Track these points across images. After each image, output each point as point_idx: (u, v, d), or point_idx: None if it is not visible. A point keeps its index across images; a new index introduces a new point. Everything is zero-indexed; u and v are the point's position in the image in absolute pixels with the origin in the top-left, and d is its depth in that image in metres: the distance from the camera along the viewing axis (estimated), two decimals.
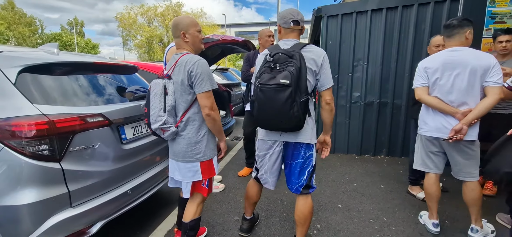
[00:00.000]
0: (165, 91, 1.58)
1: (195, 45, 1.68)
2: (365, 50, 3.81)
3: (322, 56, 1.60)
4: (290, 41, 1.66)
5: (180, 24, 1.63)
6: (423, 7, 3.59)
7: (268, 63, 1.56)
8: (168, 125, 1.57)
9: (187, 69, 1.53)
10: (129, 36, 30.03)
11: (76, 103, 1.57)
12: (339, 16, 3.82)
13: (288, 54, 1.51)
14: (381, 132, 3.94)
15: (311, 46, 1.62)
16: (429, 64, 1.95)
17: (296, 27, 1.66)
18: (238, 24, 44.14)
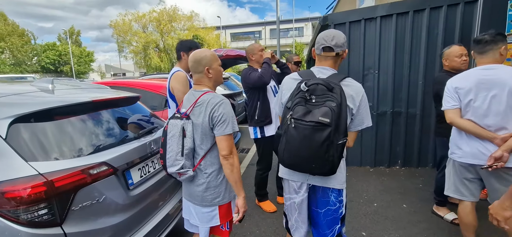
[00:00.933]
0: (183, 133, 1.43)
1: (217, 80, 1.58)
2: (375, 58, 3.64)
3: (362, 93, 1.41)
4: (326, 70, 1.45)
5: (203, 59, 1.50)
6: (435, 11, 3.42)
7: (302, 93, 1.34)
8: (186, 169, 1.45)
9: (209, 111, 1.40)
10: (124, 43, 29.73)
11: (76, 154, 1.39)
12: (347, 24, 3.65)
13: (328, 86, 1.30)
14: (396, 142, 3.78)
15: (349, 79, 1.42)
16: (460, 84, 1.78)
17: (328, 54, 1.44)
18: (233, 25, 43.90)
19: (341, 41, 1.43)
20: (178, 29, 31.01)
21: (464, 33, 3.33)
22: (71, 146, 1.40)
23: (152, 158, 1.86)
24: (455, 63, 2.39)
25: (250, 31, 42.28)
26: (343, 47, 1.44)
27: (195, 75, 1.54)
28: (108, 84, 3.56)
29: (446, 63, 2.46)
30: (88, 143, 1.48)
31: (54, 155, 1.31)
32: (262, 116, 2.60)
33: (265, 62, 2.60)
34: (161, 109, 3.48)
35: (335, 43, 1.41)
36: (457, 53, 2.39)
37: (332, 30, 1.47)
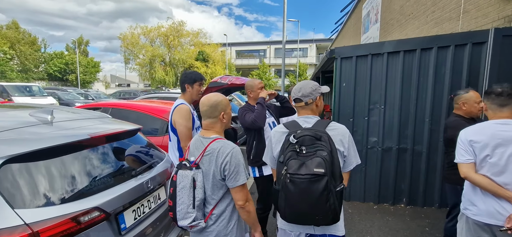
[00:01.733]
0: (194, 185, 1.38)
1: (227, 124, 1.57)
2: (381, 93, 3.60)
3: (348, 134, 1.46)
4: (309, 118, 1.50)
5: (220, 105, 1.49)
6: (443, 50, 3.40)
7: (292, 146, 1.33)
8: (198, 222, 1.39)
9: (220, 162, 1.36)
10: (131, 55, 30.21)
11: (68, 197, 1.31)
12: (354, 58, 3.63)
13: (315, 135, 1.33)
14: (401, 179, 3.66)
15: (333, 124, 1.48)
16: (476, 137, 1.70)
17: (298, 104, 1.53)
18: (239, 43, 44.62)
19: (307, 91, 1.50)
20: (185, 44, 31.54)
21: (472, 74, 3.29)
22: (64, 188, 1.32)
23: (148, 197, 1.78)
24: (474, 109, 2.33)
25: (255, 49, 42.93)
26: (311, 95, 1.50)
27: (207, 120, 1.49)
28: (110, 106, 3.53)
29: (464, 108, 2.37)
30: (82, 185, 1.40)
31: (44, 201, 1.23)
32: (257, 156, 2.47)
33: (258, 102, 2.47)
34: (162, 134, 3.42)
35: (302, 94, 1.50)
36: (478, 99, 2.34)
37: (300, 82, 1.56)
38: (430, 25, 5.64)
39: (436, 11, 5.34)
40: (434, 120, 3.46)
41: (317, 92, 1.52)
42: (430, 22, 5.64)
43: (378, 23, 9.59)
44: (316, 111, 1.54)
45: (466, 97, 2.37)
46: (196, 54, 30.79)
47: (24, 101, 11.15)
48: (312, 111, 1.52)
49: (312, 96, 1.49)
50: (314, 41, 39.66)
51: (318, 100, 1.53)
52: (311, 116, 1.50)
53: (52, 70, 29.39)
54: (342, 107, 3.75)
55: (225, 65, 32.07)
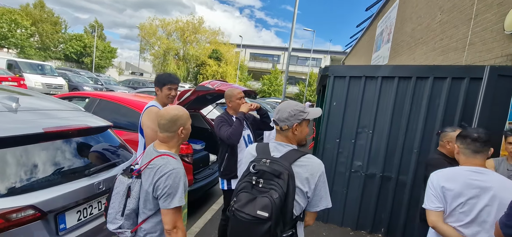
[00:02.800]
0: (127, 193, 1.36)
1: (185, 139, 1.53)
2: (371, 118, 3.50)
3: (319, 174, 1.28)
4: (282, 146, 1.34)
5: (180, 120, 1.44)
6: (439, 82, 3.28)
7: (250, 177, 1.25)
8: (123, 230, 1.37)
9: (155, 179, 1.31)
10: (147, 45, 30.75)
11: (4, 193, 1.31)
12: (347, 78, 3.55)
13: (274, 172, 1.21)
14: (382, 208, 3.55)
15: (307, 158, 1.30)
16: (449, 185, 1.57)
17: (276, 127, 1.38)
18: (254, 45, 44.73)
19: (284, 115, 1.32)
20: (201, 41, 31.90)
21: (467, 110, 3.15)
22: (3, 183, 1.32)
23: (100, 198, 1.77)
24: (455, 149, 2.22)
25: (269, 54, 42.94)
26: (287, 121, 1.31)
27: (164, 133, 1.44)
28: (98, 97, 3.56)
29: (448, 147, 2.25)
30: (22, 181, 1.40)
31: None
32: (227, 170, 2.46)
33: (237, 118, 2.39)
34: None
35: (278, 117, 1.34)
36: None
37: (283, 103, 1.39)
38: (437, 52, 5.48)
39: (444, 39, 5.19)
40: (423, 152, 3.34)
41: (297, 118, 1.32)
42: (437, 49, 5.48)
43: (389, 43, 9.42)
44: (293, 139, 1.36)
45: (451, 136, 2.24)
46: (210, 51, 31.06)
47: (34, 79, 11.48)
48: (287, 138, 1.35)
49: (288, 122, 1.32)
50: (329, 52, 39.35)
51: (296, 127, 1.33)
52: (284, 144, 1.34)
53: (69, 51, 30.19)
54: (330, 126, 3.67)
55: (237, 66, 32.17)
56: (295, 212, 1.24)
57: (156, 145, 1.46)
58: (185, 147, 3.36)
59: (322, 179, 1.31)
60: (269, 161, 1.24)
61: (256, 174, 1.23)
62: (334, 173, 3.68)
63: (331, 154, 3.68)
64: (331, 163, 3.68)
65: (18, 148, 1.44)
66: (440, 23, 5.47)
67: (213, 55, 30.50)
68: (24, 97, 2.00)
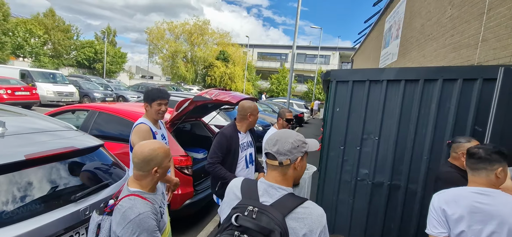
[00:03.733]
0: (97, 232, 1.30)
1: (162, 178, 1.42)
2: (377, 123, 3.34)
3: (319, 230, 1.00)
4: (274, 188, 1.07)
5: (154, 160, 1.34)
6: (449, 84, 3.09)
7: (231, 231, 0.98)
8: None
9: (120, 227, 1.22)
10: (155, 49, 31.15)
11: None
12: (350, 82, 3.40)
13: (264, 231, 0.94)
14: (390, 218, 3.38)
15: (306, 207, 1.03)
16: (451, 209, 1.43)
17: (271, 162, 1.10)
18: (262, 45, 44.60)
19: (286, 147, 1.06)
20: (208, 43, 32.03)
21: (481, 113, 2.95)
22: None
23: (87, 224, 1.72)
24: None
25: (277, 53, 42.69)
26: (289, 155, 1.06)
27: (137, 171, 1.36)
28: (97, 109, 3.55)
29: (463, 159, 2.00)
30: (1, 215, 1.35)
31: None
32: (222, 190, 2.35)
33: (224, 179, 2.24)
34: None
35: (277, 150, 1.07)
36: None
37: (280, 131, 1.13)
38: (448, 49, 5.23)
39: (455, 35, 4.94)
40: (433, 158, 3.15)
41: (300, 151, 1.08)
42: (448, 46, 5.23)
43: (398, 39, 9.12)
44: (291, 178, 1.10)
45: (466, 147, 2.06)
46: (217, 53, 31.16)
47: (46, 87, 11.77)
48: (285, 177, 1.09)
49: (291, 156, 1.06)
50: (337, 49, 38.78)
51: (299, 162, 1.09)
52: (277, 187, 1.06)
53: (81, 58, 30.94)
54: (334, 133, 3.53)
55: (245, 66, 32.14)
56: None
57: (129, 182, 1.39)
58: (184, 159, 3.31)
59: (324, 234, 1.03)
60: (257, 210, 0.98)
61: (239, 228, 0.96)
62: (339, 182, 3.54)
63: (335, 162, 3.54)
64: (336, 171, 3.54)
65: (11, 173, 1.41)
66: (450, 18, 5.21)
67: (220, 57, 30.57)
68: (14, 118, 1.98)
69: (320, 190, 3.61)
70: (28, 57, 26.05)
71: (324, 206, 3.67)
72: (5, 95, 9.47)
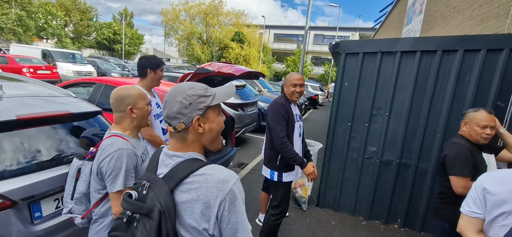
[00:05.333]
0: (76, 176, 1.35)
1: (142, 122, 1.43)
2: (388, 98, 3.15)
3: (219, 200, 0.79)
4: (169, 157, 0.88)
5: (127, 98, 1.37)
6: (470, 55, 2.83)
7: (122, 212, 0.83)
8: (75, 215, 1.35)
9: (99, 161, 1.26)
10: (171, 31, 31.25)
11: None
12: (360, 54, 3.20)
13: (143, 209, 0.78)
14: (398, 198, 3.24)
15: (202, 173, 0.82)
16: (493, 188, 1.20)
17: (169, 128, 0.89)
18: (278, 26, 43.55)
19: (174, 108, 0.84)
20: (224, 24, 31.67)
21: (504, 88, 2.70)
22: None
23: None
24: (474, 133, 1.82)
25: (293, 34, 41.58)
26: (182, 116, 0.84)
27: (115, 114, 1.39)
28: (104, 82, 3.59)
29: (464, 129, 1.90)
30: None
31: None
32: (284, 163, 2.28)
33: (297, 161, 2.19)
34: None
35: (167, 115, 0.86)
36: (481, 123, 1.79)
37: (170, 90, 0.89)
38: (474, 21, 4.79)
39: (484, 4, 4.49)
40: (448, 136, 2.93)
41: (196, 108, 0.85)
42: (475, 18, 4.79)
43: (422, 14, 8.51)
44: (195, 143, 0.88)
45: (469, 117, 1.87)
46: (233, 34, 30.81)
47: (66, 67, 12.18)
48: (185, 143, 0.87)
49: (184, 118, 0.84)
50: (357, 29, 37.14)
51: (200, 122, 0.86)
52: (173, 154, 0.87)
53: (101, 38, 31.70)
54: (341, 108, 3.37)
55: (261, 48, 31.65)
56: None
57: (111, 127, 1.42)
58: None
59: (228, 207, 0.80)
60: (148, 184, 0.83)
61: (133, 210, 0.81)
62: (346, 160, 3.42)
63: (342, 139, 3.40)
64: (343, 148, 3.41)
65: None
66: None
67: (235, 38, 30.20)
68: (13, 84, 2.01)
69: (326, 168, 3.51)
70: (50, 38, 27.03)
71: (329, 184, 3.63)
72: (27, 73, 9.91)
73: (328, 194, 3.57)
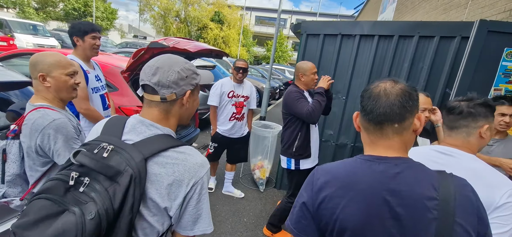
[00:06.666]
0: (3, 158, 1.21)
1: (60, 93, 1.30)
2: (346, 82, 3.14)
3: (193, 181, 0.80)
4: (146, 126, 0.83)
5: (39, 64, 1.25)
6: (425, 41, 2.85)
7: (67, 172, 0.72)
8: (11, 198, 1.24)
9: (35, 137, 1.16)
10: (146, 6, 29.65)
11: None
12: (321, 36, 3.14)
13: (108, 171, 0.70)
14: None
15: (182, 152, 0.82)
16: None
17: (150, 97, 0.84)
18: (260, 8, 42.72)
19: (171, 77, 0.81)
20: (203, 2, 30.45)
21: (453, 76, 2.75)
22: None
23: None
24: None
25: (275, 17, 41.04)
26: (176, 87, 0.83)
27: (33, 82, 1.29)
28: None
29: None
30: None
31: None
32: (301, 149, 2.33)
33: (319, 93, 2.19)
34: None
35: (158, 81, 0.81)
36: (422, 106, 1.86)
37: (160, 57, 0.85)
38: (438, 11, 4.90)
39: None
40: None
41: (189, 83, 0.85)
42: (439, 8, 4.89)
43: (395, 3, 8.62)
44: (175, 117, 0.88)
45: None
46: (212, 14, 29.79)
47: (25, 39, 11.21)
48: (167, 116, 0.86)
49: (178, 89, 0.83)
50: (338, 16, 37.36)
51: (188, 97, 0.86)
52: (151, 124, 0.83)
53: (69, 9, 29.38)
54: None
55: (241, 30, 30.97)
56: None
57: (31, 99, 1.29)
58: (140, 110, 3.12)
59: (199, 190, 0.82)
60: (111, 148, 0.75)
61: (79, 168, 0.72)
62: None
63: None
64: None
65: None
66: None
67: (215, 18, 29.26)
68: None
69: None
70: (11, 7, 24.71)
71: None
72: None
73: (286, 176, 3.57)
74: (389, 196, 0.73)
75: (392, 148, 0.81)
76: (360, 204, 0.75)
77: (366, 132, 0.87)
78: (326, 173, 0.85)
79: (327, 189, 0.81)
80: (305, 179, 0.92)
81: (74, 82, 1.34)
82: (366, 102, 0.84)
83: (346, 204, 0.77)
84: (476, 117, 1.07)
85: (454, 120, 1.12)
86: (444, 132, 1.18)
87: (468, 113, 1.08)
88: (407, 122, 0.79)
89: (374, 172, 0.78)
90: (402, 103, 0.77)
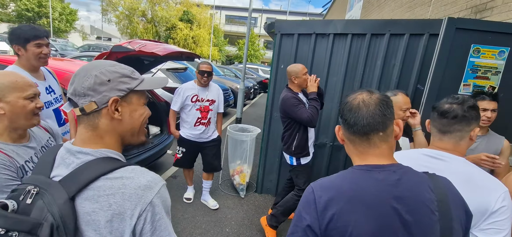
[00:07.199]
0: None
1: (18, 121, 1.08)
2: (322, 81, 3.11)
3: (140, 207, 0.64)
4: (73, 155, 0.68)
5: None
6: (396, 39, 2.91)
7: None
8: None
9: None
10: (109, 6, 28.04)
11: None
12: (295, 36, 3.09)
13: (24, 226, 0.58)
14: None
15: (120, 173, 0.67)
16: None
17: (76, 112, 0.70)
18: (230, 7, 42.40)
19: (86, 83, 0.67)
20: (171, 1, 29.45)
21: (424, 72, 2.84)
22: None
23: None
24: (396, 116, 1.86)
25: (246, 16, 40.96)
26: (95, 94, 0.68)
27: None
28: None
29: None
30: None
31: None
32: (299, 148, 2.48)
33: (313, 99, 2.38)
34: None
35: (74, 90, 0.68)
36: (404, 106, 1.85)
37: (89, 63, 0.72)
38: (404, 8, 5.10)
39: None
40: None
41: (115, 88, 0.70)
42: (404, 6, 5.10)
43: (361, 1, 8.91)
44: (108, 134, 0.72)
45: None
46: (181, 13, 28.93)
47: None
48: (95, 133, 0.71)
49: (97, 96, 0.68)
50: (308, 14, 38.19)
51: (114, 106, 0.70)
52: (79, 151, 0.68)
53: (21, 10, 26.86)
54: (278, 93, 3.26)
55: (211, 29, 30.45)
56: None
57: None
58: None
59: (150, 219, 0.65)
60: (37, 191, 0.63)
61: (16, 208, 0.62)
62: None
63: (278, 123, 3.31)
64: (279, 132, 3.33)
65: None
66: None
67: (184, 18, 28.44)
68: None
69: (264, 153, 3.41)
70: None
71: (267, 170, 3.55)
72: None
73: (266, 179, 3.50)
74: (397, 204, 0.72)
75: (383, 155, 0.81)
76: (371, 216, 0.72)
77: (352, 144, 0.87)
78: (327, 189, 0.80)
79: (333, 207, 0.75)
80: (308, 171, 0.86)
81: (35, 106, 1.12)
82: (347, 114, 0.84)
83: (358, 218, 0.72)
84: (470, 120, 1.05)
85: (448, 125, 1.08)
86: (434, 135, 1.15)
87: (463, 117, 1.05)
88: (389, 129, 0.81)
89: (376, 181, 0.76)
90: (382, 111, 0.79)
